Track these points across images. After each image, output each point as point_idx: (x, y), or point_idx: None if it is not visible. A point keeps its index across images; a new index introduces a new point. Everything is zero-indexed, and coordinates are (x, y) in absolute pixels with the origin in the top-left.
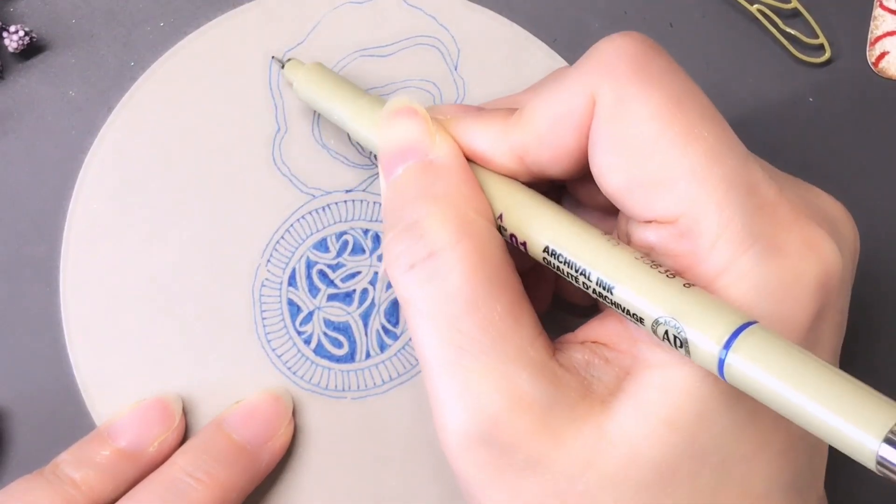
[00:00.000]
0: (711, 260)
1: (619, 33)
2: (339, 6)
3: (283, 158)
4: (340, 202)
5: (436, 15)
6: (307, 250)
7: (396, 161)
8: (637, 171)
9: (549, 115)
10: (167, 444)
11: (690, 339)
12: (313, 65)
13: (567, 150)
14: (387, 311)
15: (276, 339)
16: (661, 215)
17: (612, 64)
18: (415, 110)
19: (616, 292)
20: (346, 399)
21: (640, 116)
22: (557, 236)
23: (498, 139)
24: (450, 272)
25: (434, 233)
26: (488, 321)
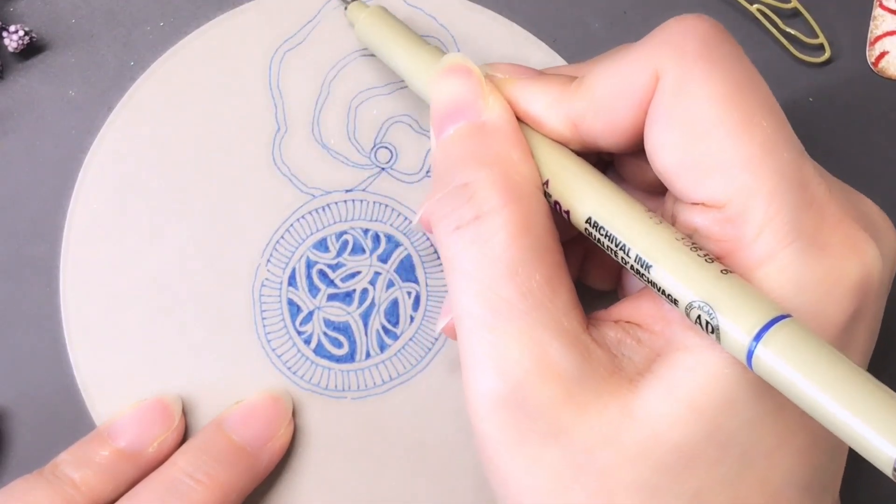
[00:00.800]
0: (754, 249)
1: (689, 14)
2: (338, 6)
3: (282, 158)
4: (340, 202)
5: (435, 15)
6: (307, 250)
7: (448, 120)
8: (692, 151)
9: (610, 86)
10: (167, 445)
11: (722, 327)
12: (376, 8)
13: (623, 122)
14: (387, 310)
15: (276, 339)
16: (709, 198)
17: (680, 43)
18: (469, 69)
19: (653, 271)
20: (346, 399)
21: (703, 98)
22: (601, 208)
23: (554, 104)
24: (494, 235)
25: (482, 196)
26: (527, 287)
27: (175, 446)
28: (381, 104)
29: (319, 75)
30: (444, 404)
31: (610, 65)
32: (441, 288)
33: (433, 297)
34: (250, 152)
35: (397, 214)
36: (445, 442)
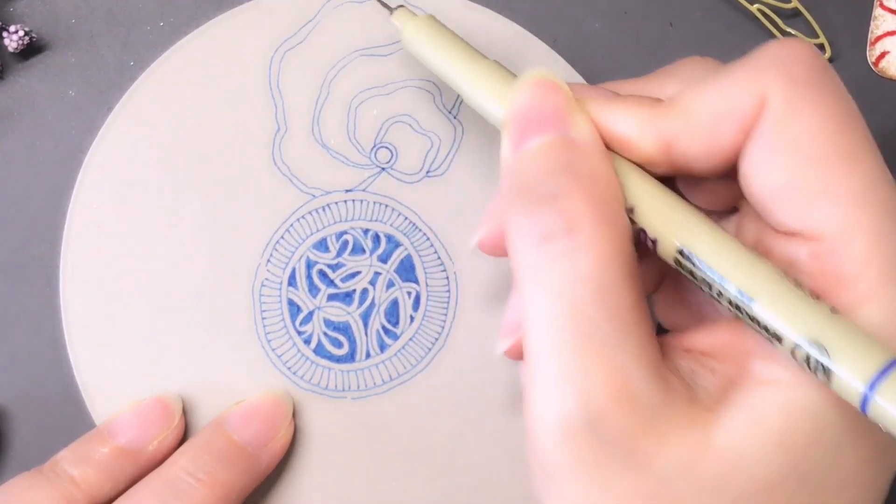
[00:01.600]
0: (855, 286)
1: (790, 39)
2: (338, 5)
3: (282, 158)
4: (340, 202)
5: (435, 15)
6: (307, 250)
7: (531, 131)
8: (798, 178)
9: (711, 107)
10: (166, 443)
11: (835, 371)
12: (426, 17)
13: (723, 145)
14: (387, 310)
15: (276, 339)
16: (810, 228)
17: (789, 67)
18: (557, 85)
19: (756, 307)
20: (347, 399)
21: (812, 125)
22: (694, 239)
23: (644, 124)
24: (587, 252)
25: (575, 209)
26: (616, 311)
27: (175, 445)
28: (381, 104)
29: (319, 75)
30: (445, 405)
31: (709, 86)
32: (442, 289)
33: (433, 297)
34: (250, 152)
35: (397, 214)
36: (445, 442)
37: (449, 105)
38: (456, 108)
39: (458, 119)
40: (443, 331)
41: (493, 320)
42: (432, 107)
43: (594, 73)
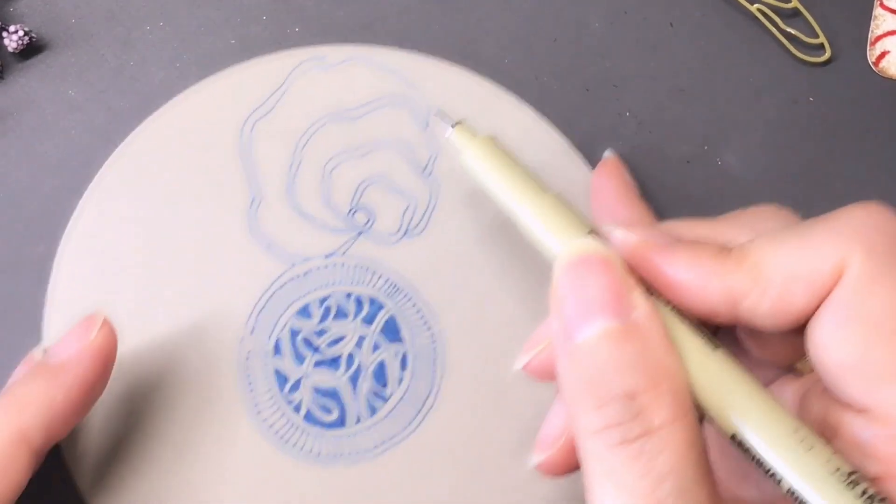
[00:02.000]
0: None
1: (873, 204)
2: (306, 72)
3: (259, 227)
4: (321, 267)
5: (404, 74)
6: (290, 318)
7: (584, 319)
8: (873, 353)
9: (785, 269)
10: (93, 346)
11: None
12: (486, 139)
13: (793, 309)
14: (375, 373)
15: (265, 410)
16: (882, 409)
17: (870, 234)
18: (608, 262)
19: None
20: (340, 465)
21: (891, 300)
22: (749, 425)
23: (710, 276)
24: (663, 452)
25: (651, 409)
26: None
27: (100, 352)
28: (354, 167)
29: (291, 142)
30: (438, 465)
31: (784, 245)
32: (428, 347)
33: (420, 357)
34: (227, 224)
35: (378, 276)
36: (442, 502)
37: (423, 164)
38: (430, 167)
39: (432, 177)
40: (432, 390)
41: (480, 375)
42: (406, 167)
43: (594, 73)
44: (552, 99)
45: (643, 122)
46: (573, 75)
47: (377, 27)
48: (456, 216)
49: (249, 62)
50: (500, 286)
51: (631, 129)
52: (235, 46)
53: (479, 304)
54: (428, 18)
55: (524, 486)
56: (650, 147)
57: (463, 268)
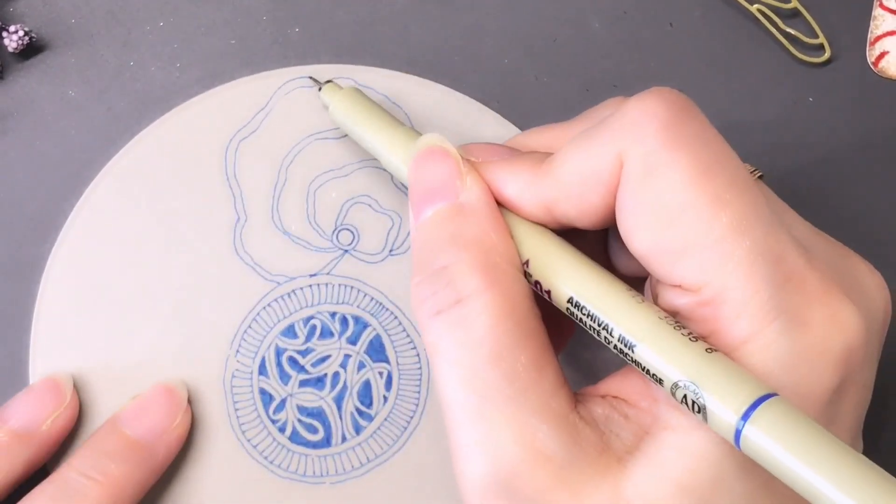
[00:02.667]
0: (734, 330)
1: (651, 92)
2: (289, 92)
3: (244, 247)
4: (305, 287)
5: (387, 93)
6: (275, 338)
7: (426, 202)
8: (663, 237)
9: (576, 171)
10: (60, 422)
11: (709, 406)
12: (350, 89)
13: (594, 207)
14: (359, 392)
15: (250, 430)
16: (685, 282)
17: (641, 126)
18: (446, 151)
19: (637, 351)
20: (325, 485)
21: (668, 182)
22: (582, 288)
23: (526, 188)
24: (476, 320)
25: (462, 279)
26: (512, 371)
27: (68, 424)
28: (339, 186)
29: (276, 162)
30: (424, 483)
31: (576, 149)
32: (413, 366)
33: (405, 376)
34: (212, 244)
35: (363, 295)
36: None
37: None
38: None
39: None
40: (417, 408)
41: None
42: (391, 185)
43: (594, 73)
44: (552, 99)
45: None
46: (573, 75)
47: (378, 26)
48: None
49: (234, 82)
50: None
51: None
52: (235, 46)
53: None
54: (429, 17)
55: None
56: None
57: None
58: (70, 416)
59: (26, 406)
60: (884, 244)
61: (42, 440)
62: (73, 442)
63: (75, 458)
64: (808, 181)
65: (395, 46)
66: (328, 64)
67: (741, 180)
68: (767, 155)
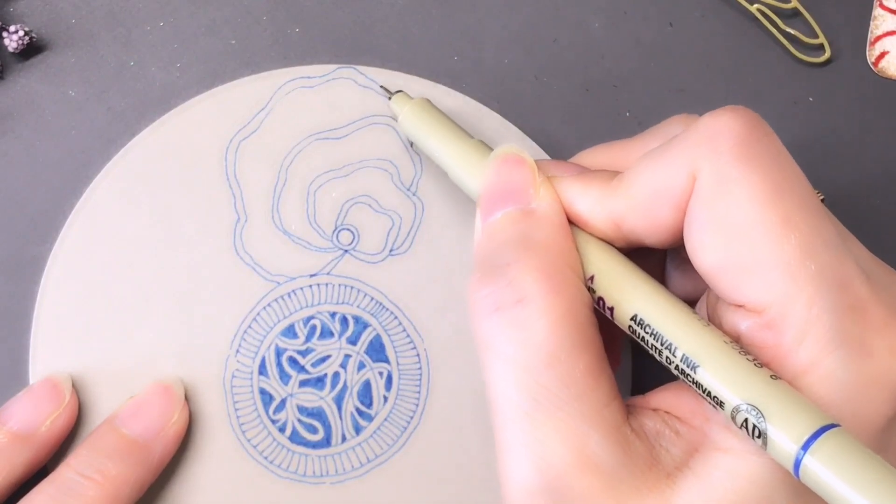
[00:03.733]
0: (796, 357)
1: (726, 109)
2: (290, 92)
3: (244, 247)
4: (305, 287)
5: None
6: (275, 338)
7: (497, 204)
8: (730, 254)
9: (648, 186)
10: (59, 423)
11: (770, 434)
12: (420, 100)
13: (663, 222)
14: (359, 392)
15: (250, 430)
16: (749, 301)
17: (716, 142)
18: (524, 159)
19: (700, 372)
20: (325, 485)
21: (739, 199)
22: (647, 306)
23: (596, 203)
24: (537, 321)
25: (525, 279)
26: (569, 377)
27: (67, 424)
28: (339, 186)
29: (276, 162)
30: (424, 484)
31: (648, 164)
32: (413, 366)
33: (405, 376)
34: (212, 244)
35: (363, 295)
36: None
37: (408, 183)
38: (415, 186)
39: (417, 196)
40: (417, 409)
41: (466, 394)
42: (391, 185)
43: (594, 73)
44: (552, 99)
45: (643, 122)
46: (573, 75)
47: (377, 27)
48: (441, 235)
49: (234, 82)
50: None
51: (631, 129)
52: (236, 46)
53: (465, 322)
54: (429, 17)
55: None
56: None
57: (448, 286)
58: (69, 416)
59: (25, 407)
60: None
61: (41, 441)
62: (73, 442)
63: (73, 458)
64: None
65: (395, 46)
66: (328, 64)
67: (810, 203)
68: None
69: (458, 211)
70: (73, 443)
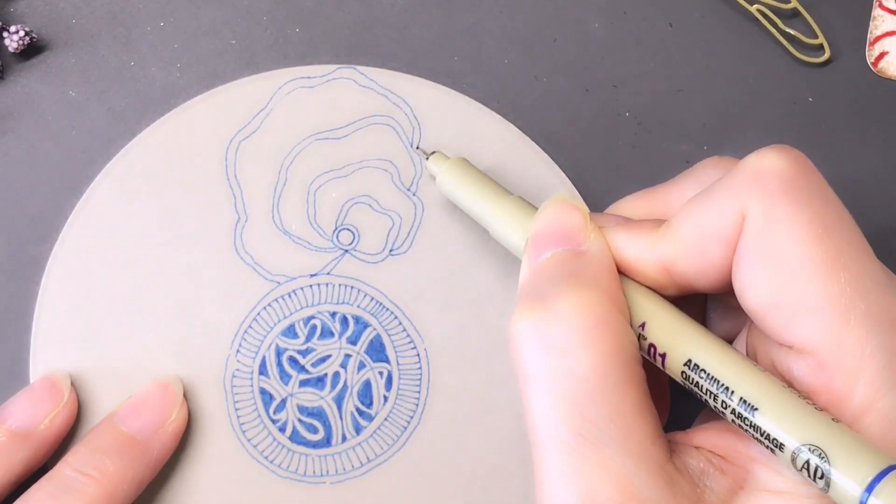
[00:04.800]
0: (852, 399)
1: (772, 148)
2: (290, 92)
3: (245, 247)
4: (306, 287)
5: (388, 94)
6: (276, 337)
7: (548, 244)
8: (781, 293)
9: (697, 228)
10: (58, 421)
11: (833, 476)
12: (457, 159)
13: (714, 264)
14: (360, 392)
15: (250, 430)
16: (799, 341)
17: (764, 181)
18: (576, 206)
19: (758, 415)
20: (325, 484)
21: (790, 238)
22: (701, 351)
23: (646, 250)
24: (583, 353)
25: (572, 311)
26: (616, 411)
27: (66, 423)
28: (339, 186)
29: (276, 162)
30: (424, 484)
31: (696, 207)
32: (413, 366)
33: (405, 376)
34: (212, 244)
35: (363, 295)
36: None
37: (408, 183)
38: (415, 186)
39: (417, 196)
40: (417, 408)
41: (466, 395)
42: (391, 185)
43: (594, 73)
44: (552, 99)
45: (643, 122)
46: (573, 75)
47: (377, 27)
48: (441, 235)
49: (234, 82)
50: (485, 305)
51: (631, 129)
52: (236, 47)
53: (465, 322)
54: (429, 17)
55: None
56: (650, 147)
57: (448, 286)
58: (68, 414)
59: (24, 405)
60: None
61: (41, 439)
62: (72, 440)
63: (71, 456)
64: None
65: (395, 46)
66: (328, 64)
67: (858, 242)
68: None
69: (458, 211)
70: (73, 441)
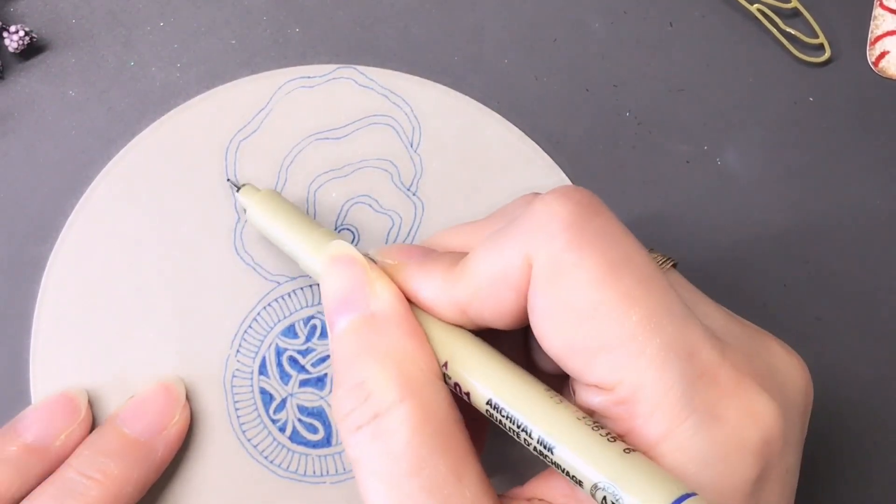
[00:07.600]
0: (650, 429)
1: (556, 191)
2: (289, 92)
3: (245, 247)
4: (305, 287)
5: (388, 94)
6: (276, 337)
7: (338, 313)
8: (575, 337)
9: (487, 274)
10: (74, 437)
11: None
12: (268, 191)
13: (507, 308)
14: None
15: (250, 430)
16: (600, 381)
17: (546, 227)
18: (352, 258)
19: (556, 452)
20: (325, 484)
21: (577, 282)
22: (500, 390)
23: (440, 291)
24: (395, 432)
25: (379, 393)
26: (432, 483)
27: (82, 439)
28: (339, 186)
29: (276, 162)
30: None
31: (485, 252)
32: None
33: None
34: (212, 244)
35: None
36: None
37: (408, 183)
38: (415, 186)
39: (417, 196)
40: None
41: None
42: (391, 185)
43: (594, 73)
44: (552, 99)
45: (643, 122)
46: (573, 75)
47: (377, 27)
48: None
49: (234, 82)
50: None
51: (631, 129)
52: (236, 47)
53: None
54: (428, 18)
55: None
56: (650, 147)
57: None
58: (84, 431)
59: (41, 420)
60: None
61: (55, 456)
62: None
63: (74, 458)
64: (808, 181)
65: (395, 46)
66: (328, 64)
67: (650, 276)
68: (767, 155)
69: (458, 211)
70: None
